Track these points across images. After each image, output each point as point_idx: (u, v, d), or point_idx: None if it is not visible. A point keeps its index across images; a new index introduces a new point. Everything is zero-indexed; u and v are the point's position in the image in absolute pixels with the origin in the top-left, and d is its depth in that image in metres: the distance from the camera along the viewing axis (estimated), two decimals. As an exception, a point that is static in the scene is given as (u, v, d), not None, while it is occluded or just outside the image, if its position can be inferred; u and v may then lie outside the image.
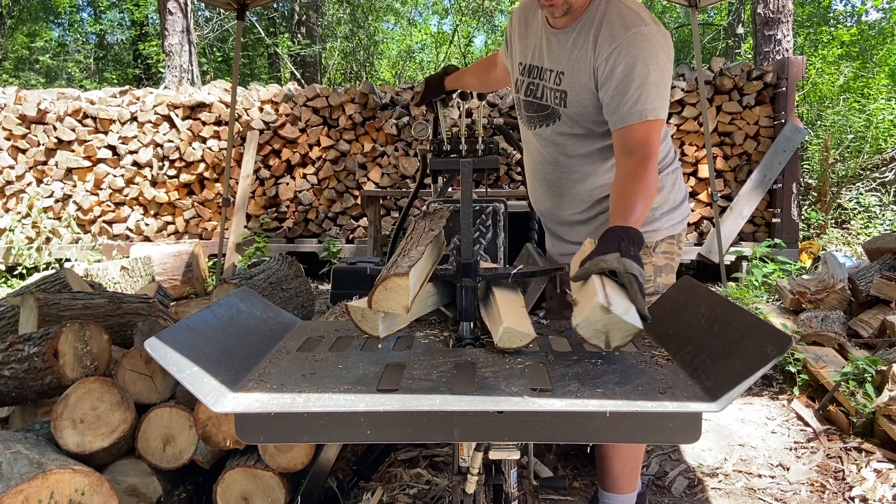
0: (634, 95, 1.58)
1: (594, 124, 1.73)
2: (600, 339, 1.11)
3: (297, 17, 14.35)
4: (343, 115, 6.76)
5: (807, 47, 12.86)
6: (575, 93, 1.70)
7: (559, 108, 1.76)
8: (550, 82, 1.76)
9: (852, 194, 7.69)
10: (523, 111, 1.90)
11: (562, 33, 1.71)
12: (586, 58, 1.65)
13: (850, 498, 2.39)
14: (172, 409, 2.14)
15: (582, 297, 1.19)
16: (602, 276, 1.19)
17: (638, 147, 1.59)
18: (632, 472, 1.95)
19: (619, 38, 1.59)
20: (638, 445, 1.96)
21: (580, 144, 1.78)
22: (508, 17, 2.00)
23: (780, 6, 7.95)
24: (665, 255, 1.86)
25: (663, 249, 1.85)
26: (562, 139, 1.80)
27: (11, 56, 16.31)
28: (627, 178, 1.58)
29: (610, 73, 1.60)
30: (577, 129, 1.76)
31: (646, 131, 1.60)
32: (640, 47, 1.58)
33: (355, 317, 1.20)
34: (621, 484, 1.94)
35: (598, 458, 1.96)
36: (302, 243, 6.76)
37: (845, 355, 3.35)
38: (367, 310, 1.17)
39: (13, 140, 6.96)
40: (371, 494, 2.35)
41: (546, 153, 1.87)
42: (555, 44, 1.73)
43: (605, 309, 1.07)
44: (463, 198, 1.36)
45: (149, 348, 0.99)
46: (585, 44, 1.66)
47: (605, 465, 1.95)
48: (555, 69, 1.74)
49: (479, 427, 0.96)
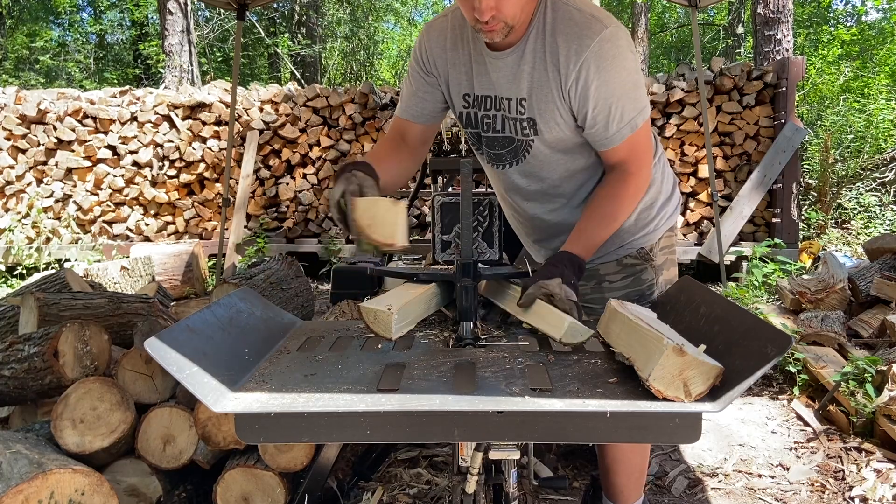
0: (617, 113, 1.45)
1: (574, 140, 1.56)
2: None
3: (297, 17, 14.35)
4: (343, 115, 6.76)
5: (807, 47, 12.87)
6: (546, 119, 1.50)
7: (529, 138, 1.56)
8: (512, 112, 1.54)
9: (852, 194, 7.69)
10: (485, 149, 1.65)
11: (507, 54, 1.48)
12: (549, 79, 1.46)
13: (850, 498, 2.39)
14: (172, 409, 2.14)
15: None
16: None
17: (625, 162, 1.53)
18: (637, 481, 1.90)
19: (584, 51, 1.40)
20: (643, 455, 1.90)
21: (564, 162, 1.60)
22: (419, 50, 1.65)
23: (780, 6, 7.95)
24: (665, 250, 1.79)
25: (663, 245, 1.78)
26: (541, 168, 1.61)
27: (11, 56, 16.32)
28: (603, 197, 1.53)
29: (584, 94, 1.44)
30: (556, 151, 1.58)
31: (632, 145, 1.51)
32: (608, 56, 1.41)
33: (367, 318, 1.21)
34: (626, 495, 1.89)
35: (603, 470, 1.89)
36: (302, 243, 6.76)
37: (845, 355, 3.35)
38: (381, 311, 1.19)
39: (13, 140, 6.96)
40: (371, 494, 2.35)
41: (529, 189, 1.67)
42: (502, 67, 1.50)
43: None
44: (463, 198, 1.36)
45: (149, 348, 0.99)
46: (543, 62, 1.46)
47: (609, 478, 1.88)
48: (514, 96, 1.52)
49: (479, 427, 0.96)
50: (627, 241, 1.69)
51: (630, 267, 1.70)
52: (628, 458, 1.85)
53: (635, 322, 1.12)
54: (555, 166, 1.60)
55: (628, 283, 1.68)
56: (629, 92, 1.46)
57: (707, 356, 1.00)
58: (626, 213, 1.55)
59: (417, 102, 1.68)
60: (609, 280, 1.70)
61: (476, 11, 1.34)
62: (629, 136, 1.48)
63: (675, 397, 0.97)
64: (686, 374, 0.97)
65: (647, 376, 0.98)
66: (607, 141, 1.50)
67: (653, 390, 0.97)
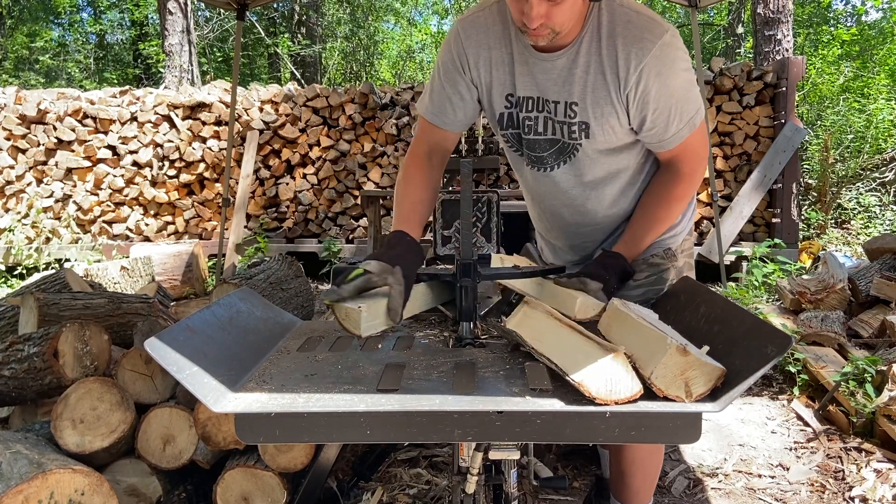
0: (676, 115, 1.45)
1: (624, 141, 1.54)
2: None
3: (297, 17, 14.35)
4: (343, 115, 6.76)
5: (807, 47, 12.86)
6: (601, 122, 1.47)
7: (577, 141, 1.52)
8: (560, 115, 1.50)
9: (852, 194, 7.69)
10: (525, 151, 1.60)
11: (557, 57, 1.45)
12: (605, 83, 1.43)
13: (850, 498, 2.39)
14: (172, 409, 2.14)
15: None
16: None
17: (681, 161, 1.53)
18: (651, 485, 1.89)
19: (645, 55, 1.38)
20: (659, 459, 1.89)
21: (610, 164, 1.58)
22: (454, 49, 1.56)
23: (780, 6, 7.95)
24: (685, 252, 1.77)
25: (684, 248, 1.77)
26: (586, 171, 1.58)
27: (11, 56, 16.32)
28: (656, 198, 1.54)
29: (644, 98, 1.42)
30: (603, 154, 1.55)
31: (689, 144, 1.51)
32: (668, 60, 1.40)
33: (339, 315, 1.20)
34: (641, 498, 1.87)
35: (617, 472, 1.87)
36: (302, 243, 6.76)
37: (845, 355, 3.35)
38: (352, 309, 1.18)
39: (13, 140, 6.96)
40: (371, 494, 2.35)
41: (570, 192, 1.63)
42: (550, 70, 1.47)
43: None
44: (463, 198, 1.36)
45: (149, 348, 0.99)
46: (599, 66, 1.43)
47: (624, 480, 1.85)
48: (562, 100, 1.48)
49: (479, 427, 0.96)
50: (656, 241, 1.68)
51: (655, 266, 1.69)
52: (646, 461, 1.84)
53: (638, 321, 1.13)
54: (599, 168, 1.57)
55: (652, 280, 1.66)
56: (687, 93, 1.46)
57: (709, 357, 1.00)
58: (676, 215, 1.58)
59: (453, 110, 1.60)
60: (634, 277, 1.68)
61: (525, 17, 1.32)
62: (688, 136, 1.49)
63: (676, 397, 0.97)
64: (688, 374, 0.97)
65: (650, 375, 0.98)
66: (665, 143, 1.50)
67: (654, 389, 0.97)
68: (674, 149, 1.51)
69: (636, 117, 1.46)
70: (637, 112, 1.45)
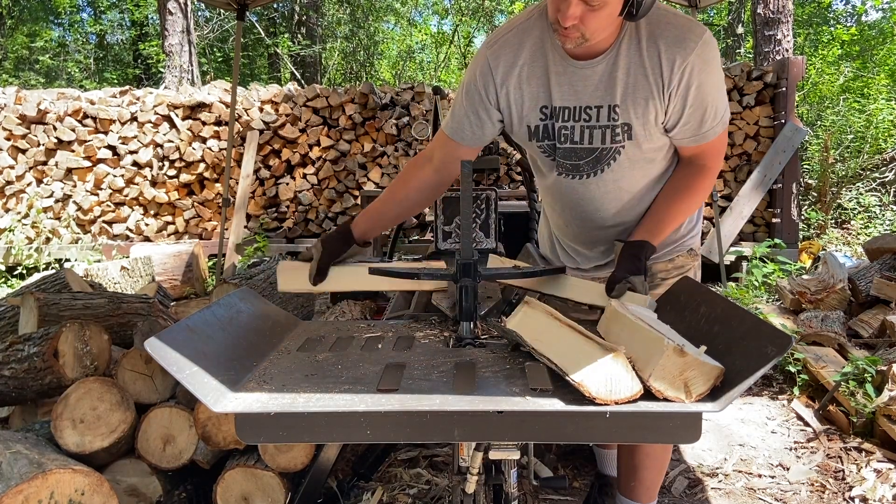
0: (710, 114, 1.50)
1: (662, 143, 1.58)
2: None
3: (297, 17, 14.35)
4: (343, 115, 6.76)
5: (807, 47, 12.86)
6: (643, 122, 1.50)
7: (620, 145, 1.54)
8: (601, 120, 1.52)
9: (852, 194, 7.69)
10: (559, 160, 1.61)
11: (597, 62, 1.48)
12: (648, 83, 1.46)
13: (850, 498, 2.39)
14: (172, 409, 2.14)
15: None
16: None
17: (703, 157, 1.57)
18: (661, 479, 1.92)
19: (689, 55, 1.43)
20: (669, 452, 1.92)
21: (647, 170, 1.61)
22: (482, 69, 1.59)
23: (780, 6, 7.95)
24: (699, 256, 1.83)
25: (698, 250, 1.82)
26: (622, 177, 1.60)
27: (11, 56, 16.32)
28: (678, 189, 1.57)
29: (684, 95, 1.46)
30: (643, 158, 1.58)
31: (716, 144, 1.56)
32: (709, 59, 1.45)
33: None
34: (651, 492, 1.89)
35: (627, 467, 1.89)
36: (302, 243, 6.75)
37: (845, 355, 3.35)
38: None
39: (13, 140, 6.95)
40: (371, 494, 2.35)
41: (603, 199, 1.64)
42: (590, 76, 1.49)
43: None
44: (463, 198, 1.36)
45: (149, 348, 0.99)
46: (640, 67, 1.46)
47: (637, 475, 1.87)
48: (605, 104, 1.50)
49: (479, 427, 0.96)
50: (679, 241, 1.73)
51: (680, 267, 1.73)
52: (659, 455, 1.86)
53: (636, 322, 1.12)
54: (638, 172, 1.60)
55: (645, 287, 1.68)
56: (721, 91, 1.51)
57: (708, 357, 1.00)
58: (695, 207, 1.61)
59: (471, 128, 1.64)
60: (661, 277, 1.73)
61: (560, 14, 1.35)
62: (721, 132, 1.54)
63: (676, 398, 0.96)
64: (687, 374, 0.97)
65: (648, 377, 0.97)
66: (698, 137, 1.53)
67: (653, 391, 0.97)
68: (699, 146, 1.55)
69: (674, 115, 1.50)
70: (676, 110, 1.49)
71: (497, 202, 2.08)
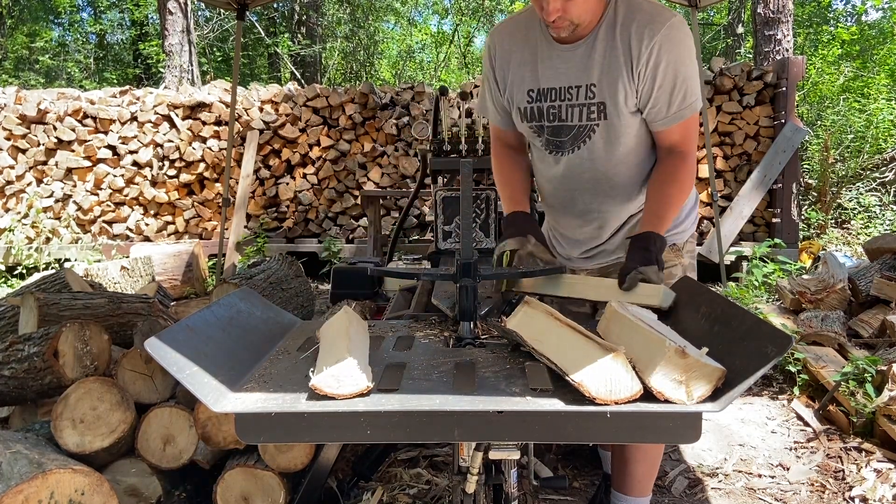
0: (678, 95, 1.57)
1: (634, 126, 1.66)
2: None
3: (297, 17, 14.35)
4: (343, 115, 6.76)
5: (807, 47, 12.86)
6: (615, 101, 1.61)
7: (594, 122, 1.66)
8: (580, 98, 1.65)
9: (852, 194, 7.69)
10: (546, 137, 1.74)
11: (578, 46, 1.61)
12: (620, 64, 1.58)
13: (850, 498, 2.39)
14: (172, 409, 2.14)
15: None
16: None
17: (680, 144, 1.64)
18: (653, 474, 1.93)
19: (655, 34, 1.54)
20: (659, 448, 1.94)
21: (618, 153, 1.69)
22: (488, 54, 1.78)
23: (780, 6, 7.95)
24: (689, 253, 1.87)
25: (688, 249, 1.86)
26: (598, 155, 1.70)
27: (11, 56, 16.31)
28: (665, 179, 1.63)
29: (652, 73, 1.56)
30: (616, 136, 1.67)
31: (686, 128, 1.62)
32: (676, 40, 1.55)
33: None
34: (643, 486, 1.91)
35: (619, 461, 1.91)
36: (302, 243, 6.76)
37: (845, 355, 3.35)
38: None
39: (13, 140, 6.96)
40: (371, 494, 2.35)
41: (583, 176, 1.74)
42: (571, 58, 1.63)
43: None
44: (463, 198, 1.36)
45: (149, 348, 0.99)
46: (614, 49, 1.58)
47: (627, 469, 1.90)
48: (583, 83, 1.63)
49: (479, 427, 0.96)
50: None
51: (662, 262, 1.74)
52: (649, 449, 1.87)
53: (636, 324, 1.12)
54: (610, 155, 1.69)
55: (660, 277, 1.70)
56: (691, 77, 1.58)
57: (709, 358, 0.99)
58: (685, 194, 1.65)
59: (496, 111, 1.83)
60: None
61: (544, 12, 1.52)
62: (688, 117, 1.61)
63: (677, 399, 0.96)
64: (688, 376, 0.96)
65: (649, 378, 0.97)
66: (667, 120, 1.61)
67: (654, 392, 0.96)
68: (673, 128, 1.62)
69: (644, 92, 1.59)
70: (645, 89, 1.58)
71: (497, 202, 2.09)
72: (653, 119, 1.62)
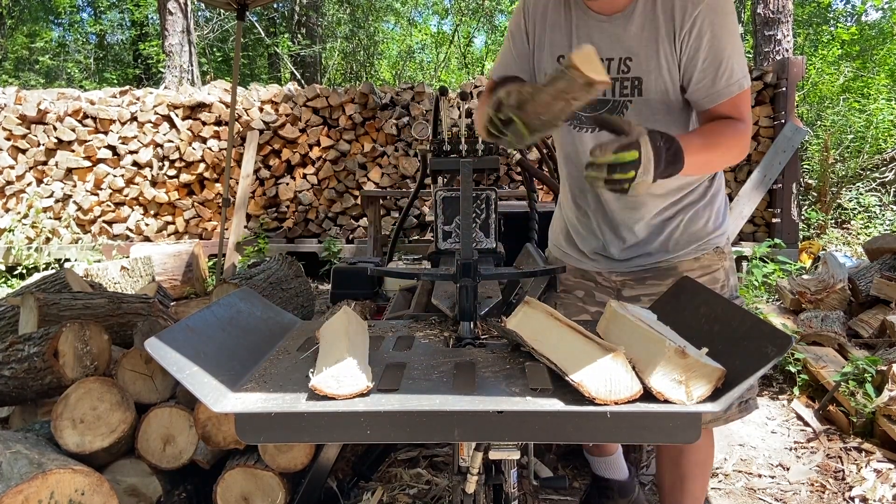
0: (727, 69, 1.47)
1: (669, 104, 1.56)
2: None
3: (297, 17, 14.35)
4: (343, 115, 6.76)
5: (807, 47, 12.86)
6: (651, 77, 1.52)
7: (627, 98, 1.56)
8: (613, 71, 1.55)
9: (852, 194, 7.69)
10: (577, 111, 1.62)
11: (619, 18, 1.53)
12: (659, 36, 1.49)
13: (850, 498, 2.39)
14: (172, 409, 2.14)
15: None
16: None
17: (732, 113, 1.51)
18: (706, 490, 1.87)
19: (699, 3, 1.45)
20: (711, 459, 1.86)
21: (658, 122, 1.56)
22: (522, 9, 1.69)
23: (780, 6, 7.95)
24: (729, 255, 1.77)
25: (728, 250, 1.77)
26: None
27: (11, 56, 16.32)
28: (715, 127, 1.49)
29: (696, 45, 1.46)
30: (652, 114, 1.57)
31: (737, 105, 1.50)
32: (721, 11, 1.45)
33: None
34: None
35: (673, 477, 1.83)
36: (302, 243, 6.76)
37: (845, 355, 3.35)
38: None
39: (13, 140, 6.96)
40: (371, 494, 2.35)
41: None
42: (607, 29, 1.54)
43: None
44: (463, 198, 1.36)
45: (149, 348, 0.99)
46: (653, 21, 1.49)
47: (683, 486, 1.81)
48: (616, 56, 1.54)
49: (479, 427, 0.96)
50: (705, 239, 1.69)
51: (707, 266, 1.70)
52: (704, 461, 1.82)
53: (636, 324, 1.12)
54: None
55: (705, 281, 1.66)
56: (738, 50, 1.48)
57: (709, 358, 0.99)
58: (730, 151, 1.49)
59: (522, 64, 1.69)
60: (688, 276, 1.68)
61: None
62: (737, 94, 1.49)
63: (677, 400, 0.96)
64: (688, 376, 0.96)
65: (649, 378, 0.97)
66: (714, 95, 1.49)
67: (654, 392, 0.96)
68: (721, 104, 1.50)
69: (688, 67, 1.49)
70: (689, 59, 1.48)
71: (497, 202, 2.09)
72: (700, 96, 1.51)
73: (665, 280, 1.66)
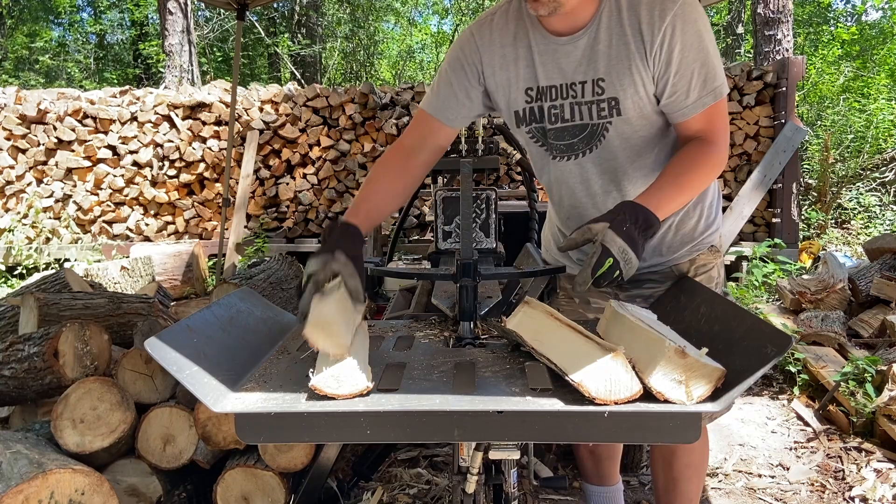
0: (699, 79, 1.40)
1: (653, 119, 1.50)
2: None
3: (297, 17, 14.35)
4: (343, 115, 6.76)
5: (807, 47, 12.86)
6: (629, 94, 1.45)
7: (607, 120, 1.49)
8: (587, 95, 1.48)
9: (852, 194, 7.69)
10: (551, 142, 1.57)
11: (579, 37, 1.45)
12: (630, 52, 1.42)
13: (850, 498, 2.39)
14: (172, 409, 2.14)
15: None
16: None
17: (706, 133, 1.45)
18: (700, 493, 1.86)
19: (667, 13, 1.38)
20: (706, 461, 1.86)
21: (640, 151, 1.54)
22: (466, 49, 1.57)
23: (780, 6, 7.95)
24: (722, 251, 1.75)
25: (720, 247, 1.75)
26: (615, 154, 1.53)
27: (11, 56, 16.31)
28: (683, 161, 1.43)
29: (668, 58, 1.40)
30: (633, 134, 1.51)
31: (712, 116, 1.44)
32: (691, 19, 1.38)
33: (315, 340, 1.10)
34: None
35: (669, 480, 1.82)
36: (302, 243, 6.75)
37: (845, 355, 3.35)
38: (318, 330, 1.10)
39: (13, 140, 6.95)
40: (371, 494, 2.35)
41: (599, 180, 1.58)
42: (572, 51, 1.46)
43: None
44: (463, 198, 1.36)
45: (149, 348, 0.99)
46: (622, 36, 1.42)
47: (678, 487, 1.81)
48: (588, 78, 1.47)
49: (479, 427, 0.96)
50: (698, 239, 1.66)
51: (703, 265, 1.68)
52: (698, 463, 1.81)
53: (636, 324, 1.12)
54: (630, 151, 1.53)
55: (701, 279, 1.64)
56: (710, 59, 1.42)
57: (709, 358, 0.99)
58: (703, 182, 1.45)
59: (456, 104, 1.58)
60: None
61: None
62: (710, 105, 1.43)
63: (677, 400, 0.96)
64: (688, 376, 0.96)
65: (649, 378, 0.97)
66: (687, 109, 1.44)
67: (654, 392, 0.96)
68: (695, 118, 1.45)
69: (661, 80, 1.43)
70: (661, 73, 1.42)
71: (497, 202, 2.09)
72: (673, 110, 1.45)
73: (662, 284, 1.64)
